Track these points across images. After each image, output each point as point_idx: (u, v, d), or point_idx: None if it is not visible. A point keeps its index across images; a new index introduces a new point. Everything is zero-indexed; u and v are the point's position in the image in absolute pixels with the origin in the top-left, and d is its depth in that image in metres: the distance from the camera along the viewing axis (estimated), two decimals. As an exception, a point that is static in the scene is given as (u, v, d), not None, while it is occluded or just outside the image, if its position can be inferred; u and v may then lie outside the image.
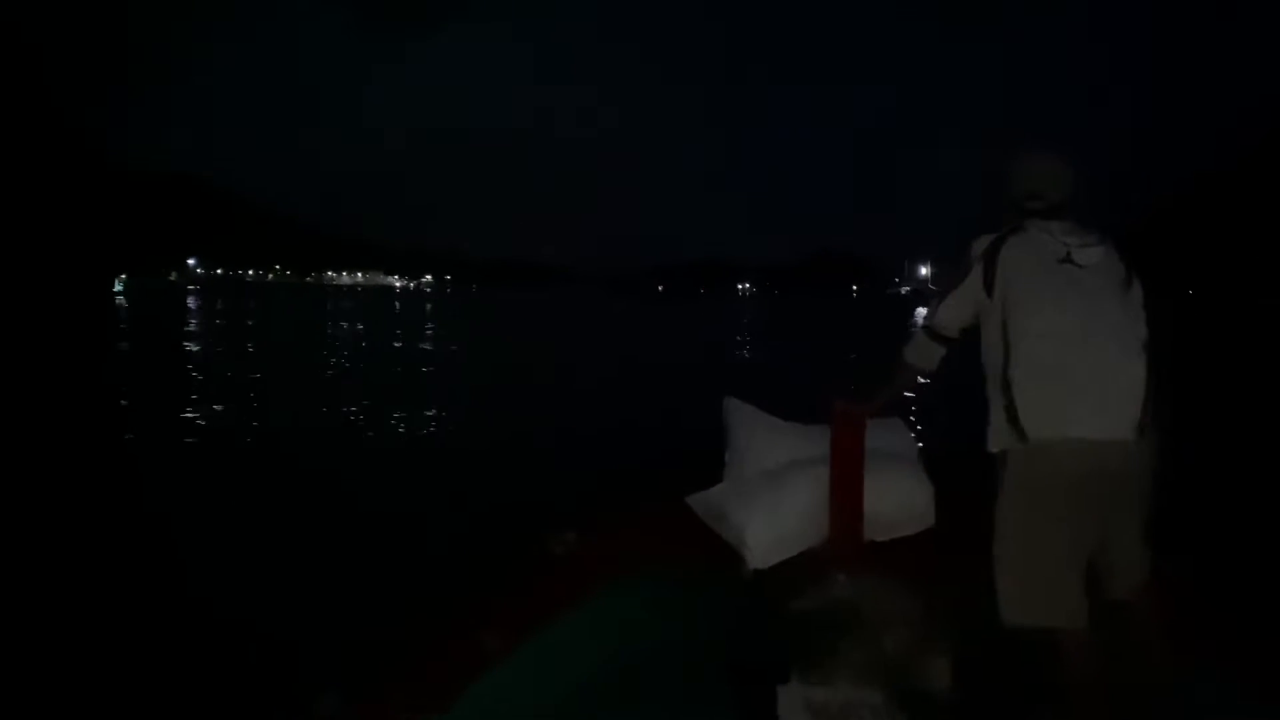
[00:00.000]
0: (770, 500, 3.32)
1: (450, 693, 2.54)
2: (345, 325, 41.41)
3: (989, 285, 2.44)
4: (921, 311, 2.54)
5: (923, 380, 2.91)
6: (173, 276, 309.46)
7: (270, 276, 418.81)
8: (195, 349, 24.42)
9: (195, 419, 12.24)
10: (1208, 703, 2.48)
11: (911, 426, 3.79)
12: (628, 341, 35.38)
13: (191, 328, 35.54)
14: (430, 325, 43.84)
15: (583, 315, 60.14)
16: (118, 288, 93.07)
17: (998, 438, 2.40)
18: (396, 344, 29.21)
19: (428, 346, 28.89)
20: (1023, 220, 2.49)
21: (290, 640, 4.20)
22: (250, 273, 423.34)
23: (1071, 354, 2.30)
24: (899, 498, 3.38)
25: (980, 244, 2.50)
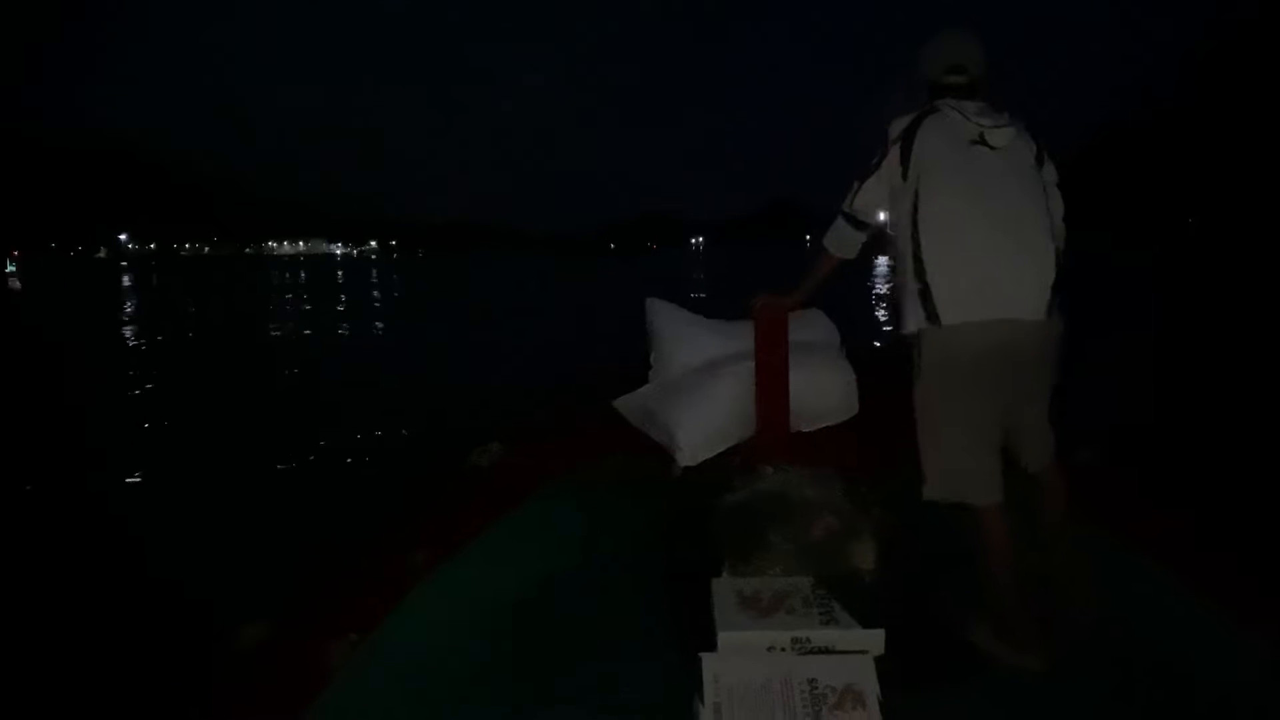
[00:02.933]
0: (697, 398, 3.32)
1: (380, 609, 2.52)
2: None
3: (905, 165, 2.42)
4: (883, 260, 2.52)
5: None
6: (101, 253, 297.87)
7: (207, 249, 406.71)
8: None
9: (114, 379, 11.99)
10: (1109, 569, 2.57)
11: (832, 316, 3.81)
12: (569, 294, 35.21)
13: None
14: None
15: (528, 274, 59.79)
16: (10, 268, 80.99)
17: (911, 319, 2.42)
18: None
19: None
20: (939, 99, 2.47)
21: (215, 568, 4.19)
22: (186, 246, 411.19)
23: (982, 236, 2.31)
24: (823, 388, 3.41)
25: (897, 125, 2.48)
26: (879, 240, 2.72)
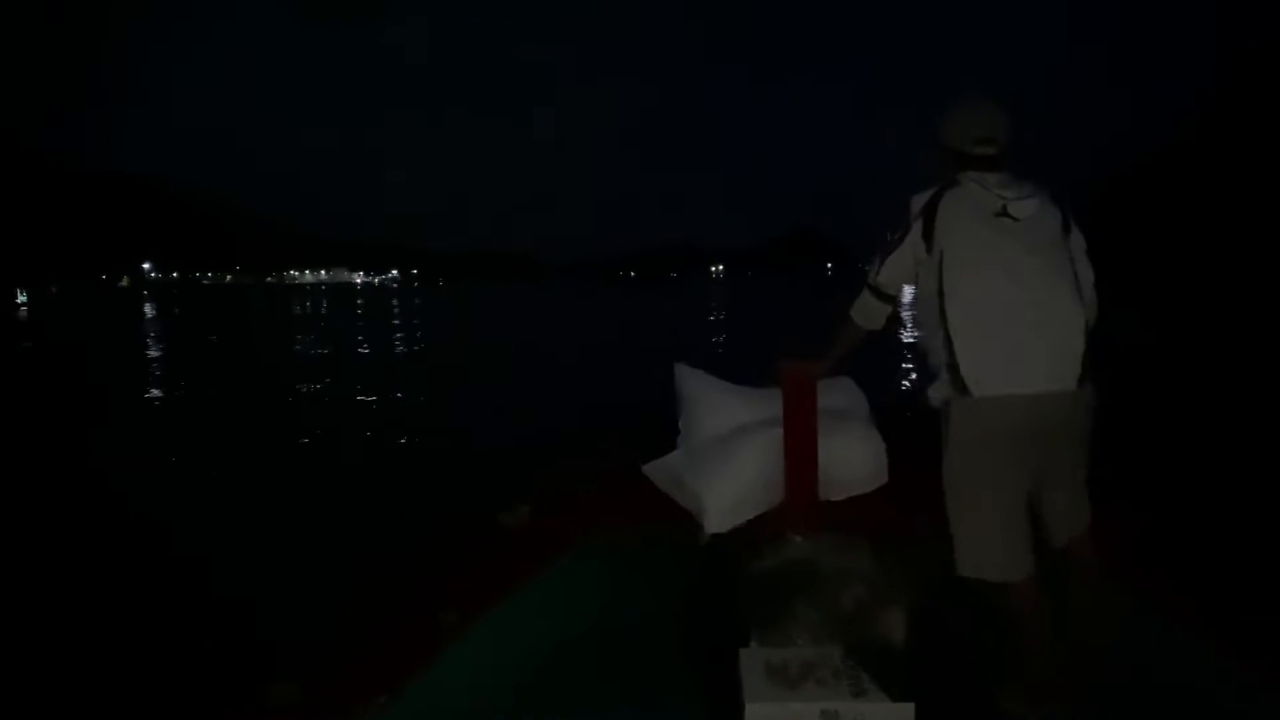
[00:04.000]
0: (725, 465, 3.32)
1: (407, 672, 2.53)
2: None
3: (928, 240, 2.43)
4: (908, 289, 2.53)
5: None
6: (124, 282, 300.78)
7: (229, 278, 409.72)
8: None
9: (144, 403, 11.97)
10: (1147, 641, 2.55)
11: (862, 384, 3.81)
12: (592, 328, 35.12)
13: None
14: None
15: (552, 305, 59.91)
16: (21, 299, 79.97)
17: (939, 392, 2.42)
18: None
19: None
20: (961, 172, 2.47)
21: (242, 627, 4.18)
22: (209, 275, 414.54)
23: (1009, 309, 2.32)
24: (852, 457, 3.40)
25: (919, 200, 2.49)
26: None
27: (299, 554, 5.48)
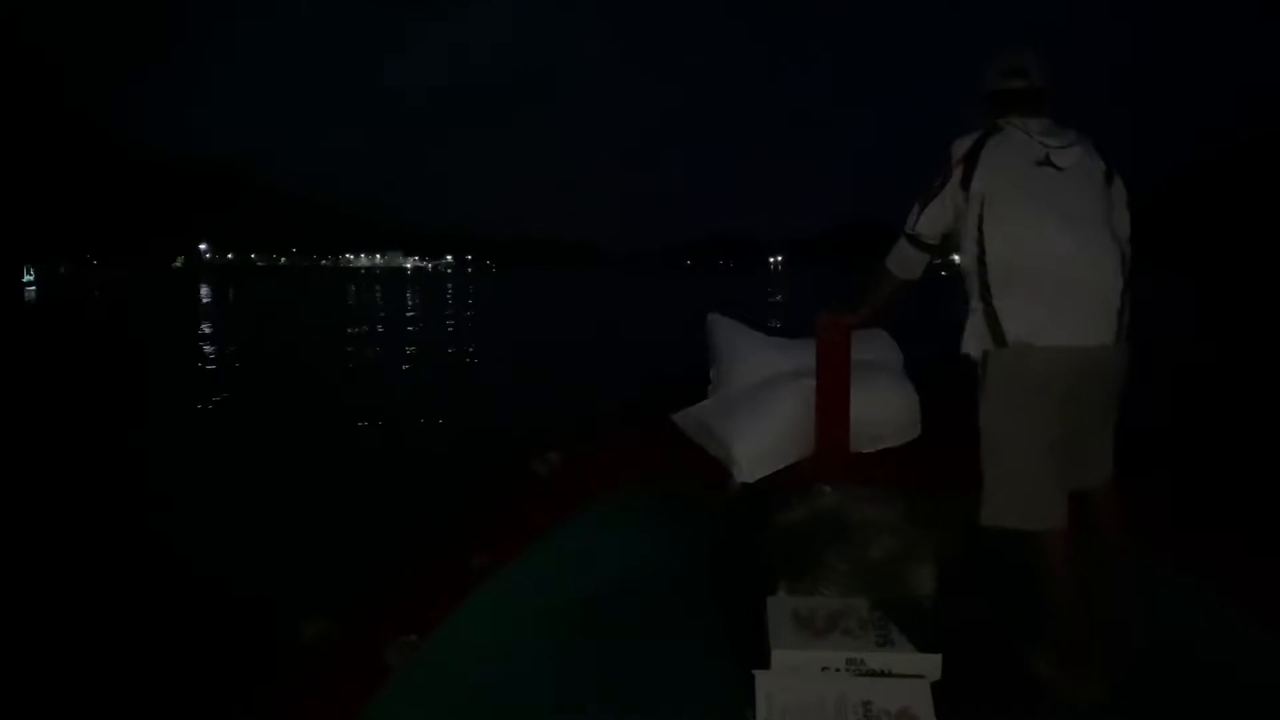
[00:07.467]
0: (757, 414, 3.31)
1: (438, 612, 2.57)
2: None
3: (967, 188, 2.38)
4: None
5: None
6: (179, 262, 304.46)
7: (283, 260, 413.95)
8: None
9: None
10: (1169, 594, 2.54)
11: (896, 337, 3.76)
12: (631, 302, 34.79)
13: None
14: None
15: (605, 289, 60.00)
16: (27, 278, 70.70)
17: (976, 341, 2.37)
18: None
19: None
20: (1002, 116, 2.42)
21: (277, 564, 4.28)
22: (269, 256, 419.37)
23: (1049, 260, 2.26)
24: (885, 409, 3.37)
25: (960, 146, 2.44)
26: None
27: (337, 495, 5.60)
